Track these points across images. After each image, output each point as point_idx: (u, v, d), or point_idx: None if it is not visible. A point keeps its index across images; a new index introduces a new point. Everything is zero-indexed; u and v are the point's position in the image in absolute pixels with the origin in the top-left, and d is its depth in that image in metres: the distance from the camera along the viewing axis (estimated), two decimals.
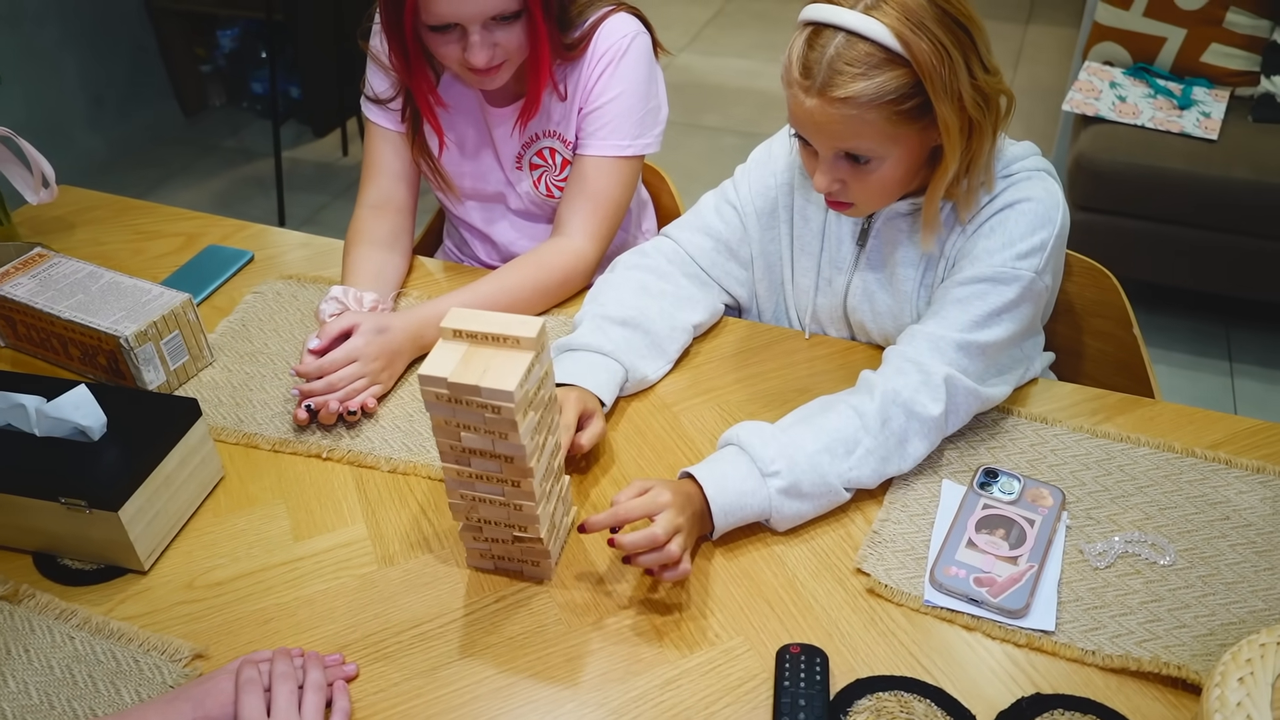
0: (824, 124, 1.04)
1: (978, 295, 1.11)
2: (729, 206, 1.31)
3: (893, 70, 1.00)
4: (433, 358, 0.90)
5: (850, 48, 1.00)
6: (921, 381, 1.08)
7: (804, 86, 1.03)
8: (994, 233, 1.12)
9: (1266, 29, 2.53)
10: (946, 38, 0.99)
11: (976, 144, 1.07)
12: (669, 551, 0.94)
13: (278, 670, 0.87)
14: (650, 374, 1.24)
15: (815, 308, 1.30)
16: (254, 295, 1.42)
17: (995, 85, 1.05)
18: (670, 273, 1.29)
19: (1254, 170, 2.34)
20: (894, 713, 0.88)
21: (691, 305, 1.29)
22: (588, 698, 0.91)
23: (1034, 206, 1.11)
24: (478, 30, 1.22)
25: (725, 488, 1.01)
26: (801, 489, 1.03)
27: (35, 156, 1.44)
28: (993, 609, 0.96)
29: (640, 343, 1.23)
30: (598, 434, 1.12)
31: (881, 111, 1.01)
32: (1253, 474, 1.11)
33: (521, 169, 1.45)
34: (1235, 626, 0.94)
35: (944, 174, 1.07)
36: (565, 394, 1.11)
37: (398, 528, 1.08)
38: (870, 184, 1.09)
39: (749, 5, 4.64)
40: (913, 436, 1.08)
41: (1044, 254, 1.11)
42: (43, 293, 1.24)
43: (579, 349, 1.20)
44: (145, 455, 1.02)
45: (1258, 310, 2.66)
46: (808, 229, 1.27)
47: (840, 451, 1.05)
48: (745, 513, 1.02)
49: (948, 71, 1.00)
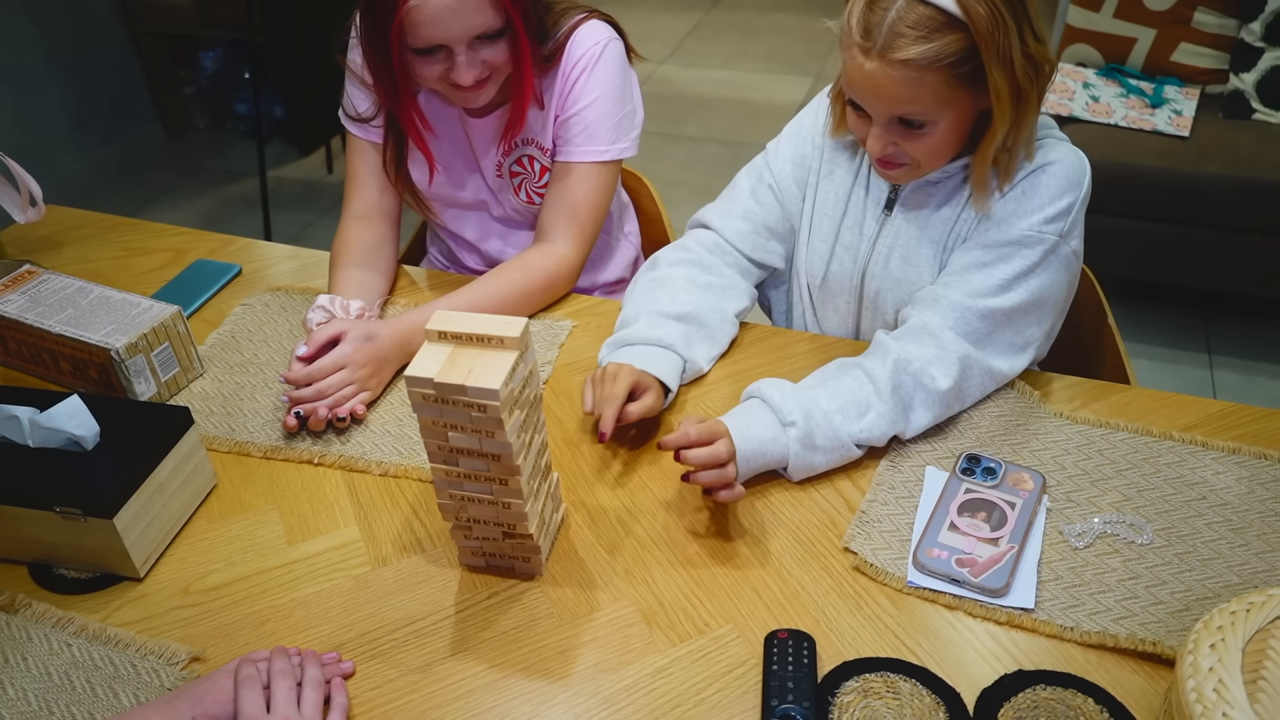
0: (884, 85, 1.06)
1: (1002, 259, 1.14)
2: (765, 187, 1.33)
3: (951, 34, 1.02)
4: (419, 360, 0.91)
5: (910, 10, 1.02)
6: (936, 355, 1.12)
7: (864, 49, 1.05)
8: (1023, 196, 1.15)
9: (1234, 27, 2.57)
10: (1003, 4, 1.02)
11: (1023, 111, 1.09)
12: (728, 472, 1.00)
13: (276, 667, 0.89)
14: (704, 364, 1.27)
15: (828, 274, 1.31)
16: (242, 307, 1.43)
17: (1044, 53, 1.07)
18: (714, 264, 1.32)
19: (1226, 166, 2.38)
20: (880, 693, 0.90)
21: (736, 294, 1.32)
22: (581, 688, 0.93)
23: (1063, 169, 1.14)
24: (463, 50, 1.24)
25: (748, 435, 1.06)
26: (815, 441, 1.08)
27: (22, 175, 1.45)
28: (974, 589, 0.98)
29: (696, 335, 1.25)
30: (648, 407, 1.14)
31: (940, 75, 1.04)
32: (1228, 455, 1.14)
33: (503, 177, 1.47)
34: (1210, 601, 0.97)
35: (993, 139, 1.10)
36: (618, 368, 1.14)
37: (390, 529, 1.09)
38: (922, 147, 1.11)
39: (727, 17, 4.69)
40: (918, 405, 1.12)
41: (1069, 218, 1.14)
42: (33, 308, 1.25)
43: (636, 342, 1.22)
44: (138, 463, 1.03)
45: (1234, 303, 2.70)
46: (831, 193, 1.28)
47: (853, 414, 1.10)
48: (766, 459, 1.08)
49: (1003, 37, 1.02)
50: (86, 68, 3.38)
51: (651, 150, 1.48)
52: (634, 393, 1.15)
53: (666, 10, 4.74)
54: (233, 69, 3.78)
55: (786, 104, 3.88)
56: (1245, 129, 2.50)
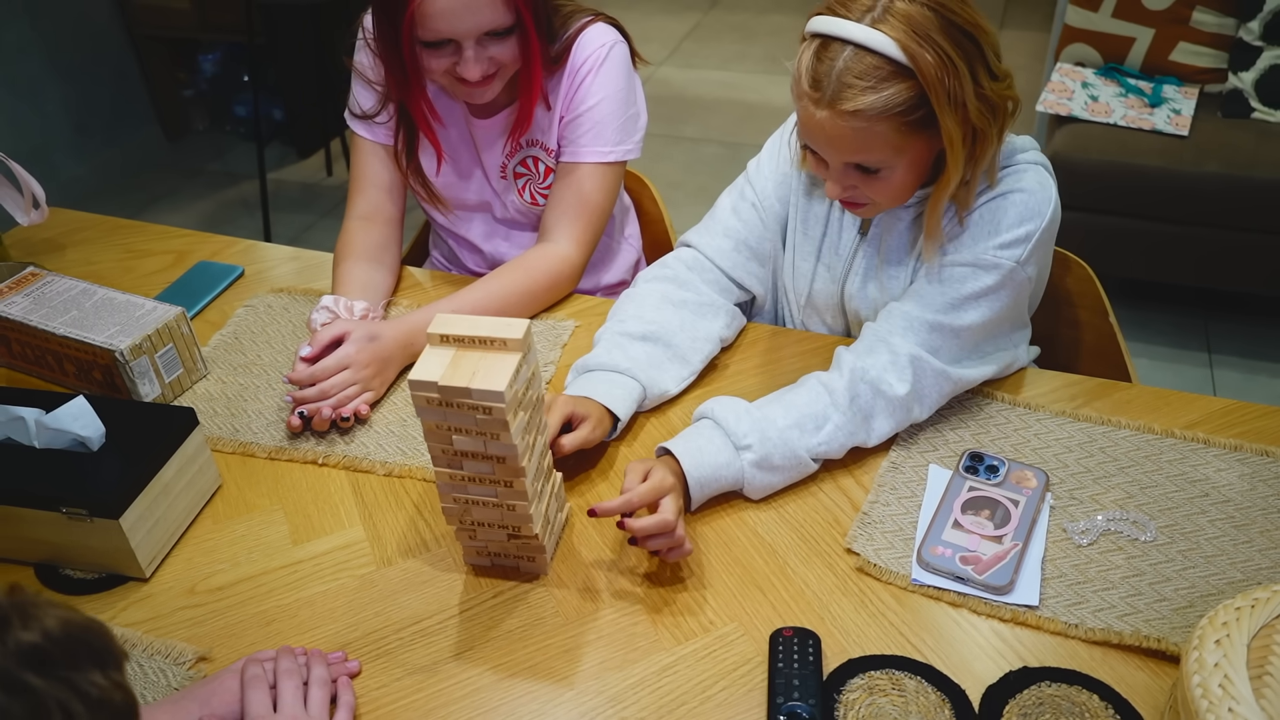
0: (835, 136, 1.05)
1: (957, 279, 1.13)
2: (747, 205, 1.31)
3: (900, 82, 1.01)
4: (422, 363, 0.91)
5: (858, 60, 1.01)
6: (889, 361, 1.11)
7: (814, 99, 1.04)
8: (983, 220, 1.13)
9: (1232, 27, 2.58)
10: (952, 49, 1.00)
11: (980, 150, 1.07)
12: (677, 536, 0.98)
13: (282, 667, 0.89)
14: (671, 387, 1.23)
15: (812, 292, 1.31)
16: (245, 309, 1.44)
17: (1003, 92, 1.05)
18: (690, 280, 1.29)
19: (1225, 165, 2.38)
20: (886, 690, 0.90)
21: (714, 312, 1.29)
22: (586, 686, 0.93)
23: (1025, 198, 1.12)
24: (471, 46, 1.24)
25: (701, 462, 1.05)
26: (773, 462, 1.07)
27: (25, 178, 1.46)
28: (978, 586, 0.98)
29: (661, 355, 1.23)
30: (583, 439, 1.11)
31: (890, 123, 1.02)
32: (1230, 452, 1.14)
33: (507, 178, 1.47)
34: (1214, 598, 0.97)
35: (946, 186, 1.08)
36: (554, 398, 1.12)
37: (395, 529, 1.09)
38: (881, 189, 1.10)
39: (726, 18, 4.69)
40: (878, 414, 1.11)
41: (1028, 245, 1.12)
42: (37, 310, 1.25)
43: (595, 369, 1.20)
44: (144, 464, 1.03)
45: (1234, 302, 2.70)
46: (812, 213, 1.28)
47: (810, 427, 1.09)
48: (720, 484, 1.06)
49: (953, 82, 1.00)
50: (86, 72, 3.38)
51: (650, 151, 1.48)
52: (571, 422, 1.11)
53: (665, 11, 4.74)
54: (232, 72, 3.78)
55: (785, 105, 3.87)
56: (1244, 128, 2.51)
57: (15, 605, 0.55)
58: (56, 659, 0.55)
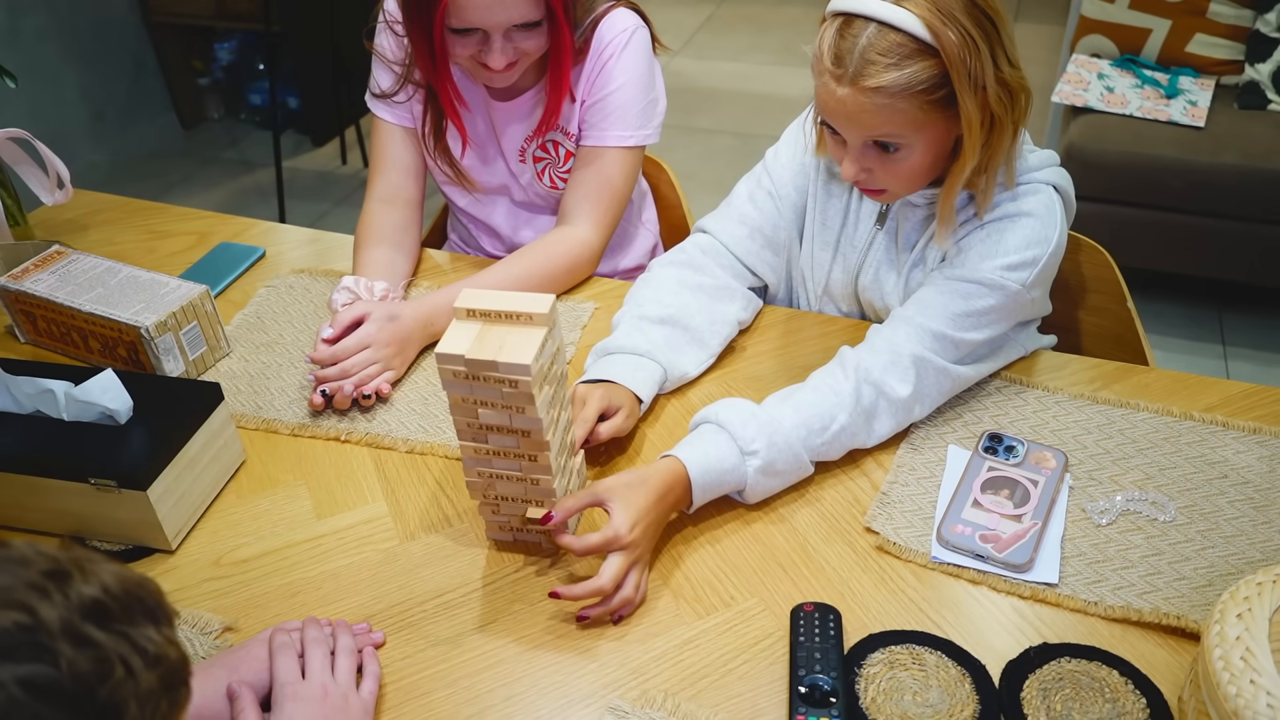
0: (855, 113, 1.05)
1: (962, 294, 1.13)
2: (764, 193, 1.31)
3: (923, 60, 1.01)
4: (448, 337, 0.92)
5: (881, 38, 1.01)
6: (891, 361, 1.11)
7: (835, 75, 1.04)
8: (990, 239, 1.14)
9: (1249, 18, 2.57)
10: (974, 29, 1.01)
11: (997, 139, 1.08)
12: (611, 603, 0.96)
13: (309, 636, 0.90)
14: (690, 369, 1.24)
15: (829, 281, 1.32)
16: (267, 289, 1.45)
17: (1018, 80, 1.06)
18: (706, 265, 1.30)
19: (1241, 156, 2.38)
20: (906, 664, 0.91)
21: (730, 296, 1.29)
22: (609, 659, 0.94)
23: (1033, 223, 1.13)
24: (499, 37, 1.25)
25: (708, 467, 1.03)
26: (776, 468, 1.06)
27: (50, 158, 1.47)
28: (998, 564, 0.99)
29: (680, 338, 1.23)
30: (618, 427, 1.12)
31: (912, 101, 1.03)
32: (1249, 434, 1.14)
33: (525, 162, 1.48)
34: (1233, 577, 0.97)
35: (961, 169, 1.09)
36: (589, 390, 1.12)
37: (417, 505, 1.10)
38: (898, 171, 1.11)
39: (739, 9, 4.69)
40: (881, 414, 1.11)
41: (1034, 269, 1.13)
42: (62, 287, 1.27)
43: (616, 351, 1.20)
44: (171, 437, 1.04)
45: (1249, 294, 2.70)
46: (831, 203, 1.28)
47: (817, 427, 1.08)
48: (722, 489, 1.05)
49: (974, 62, 1.01)
50: (103, 60, 3.40)
51: (664, 142, 1.49)
52: (605, 413, 1.13)
53: (679, 3, 4.74)
54: (247, 60, 3.79)
55: (798, 97, 3.88)
56: (1260, 119, 2.50)
57: (74, 560, 0.56)
58: (115, 613, 0.55)
